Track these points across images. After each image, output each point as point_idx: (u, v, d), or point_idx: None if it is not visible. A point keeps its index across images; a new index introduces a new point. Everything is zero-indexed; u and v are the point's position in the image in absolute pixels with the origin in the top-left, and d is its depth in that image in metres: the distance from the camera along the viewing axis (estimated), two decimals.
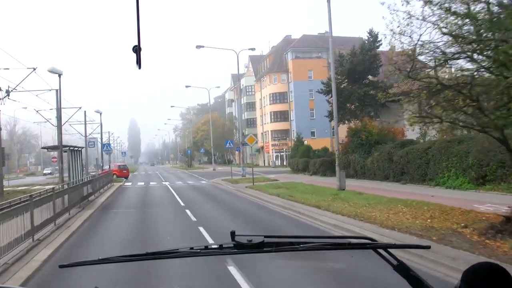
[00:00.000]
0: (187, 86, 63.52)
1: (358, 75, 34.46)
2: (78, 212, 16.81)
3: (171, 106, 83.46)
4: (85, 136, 45.25)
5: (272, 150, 71.90)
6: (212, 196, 23.96)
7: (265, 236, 1.73)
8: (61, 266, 1.89)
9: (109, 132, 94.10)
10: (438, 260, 7.52)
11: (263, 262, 7.29)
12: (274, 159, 71.77)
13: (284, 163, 70.11)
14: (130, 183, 37.25)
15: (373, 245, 1.81)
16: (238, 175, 40.11)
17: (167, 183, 36.61)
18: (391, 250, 1.81)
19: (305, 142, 64.58)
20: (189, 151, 71.76)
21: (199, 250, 1.78)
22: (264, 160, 77.02)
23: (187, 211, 16.70)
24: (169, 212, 17.38)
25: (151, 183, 37.04)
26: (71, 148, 18.90)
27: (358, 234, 10.30)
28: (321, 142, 67.14)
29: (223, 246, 1.78)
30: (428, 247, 2.02)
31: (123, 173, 46.64)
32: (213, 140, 79.47)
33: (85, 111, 47.33)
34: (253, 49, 45.90)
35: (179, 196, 23.63)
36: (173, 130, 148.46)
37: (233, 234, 1.74)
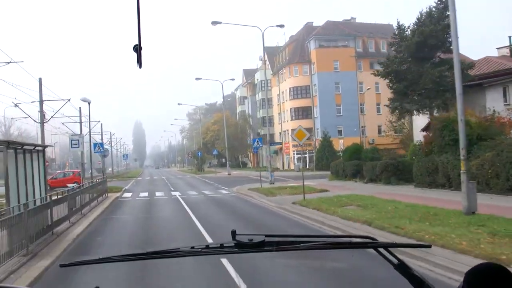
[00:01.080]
0: (197, 79, 55.51)
1: (429, 51, 26.16)
2: (16, 266, 8.72)
3: (179, 104, 75.84)
4: (80, 133, 37.54)
5: (293, 151, 63.68)
6: (250, 220, 15.85)
7: (266, 235, 1.71)
8: (62, 266, 1.86)
9: (110, 132, 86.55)
10: None
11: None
12: (296, 161, 63.51)
13: (307, 166, 61.95)
14: (130, 194, 29.17)
15: (373, 244, 1.79)
16: (264, 182, 31.99)
17: (177, 193, 28.53)
18: (392, 249, 1.78)
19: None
20: (199, 153, 63.73)
21: (200, 249, 1.76)
22: (283, 163, 68.83)
23: (225, 262, 8.37)
24: (192, 267, 9.06)
25: (156, 193, 28.96)
26: (16, 145, 10.52)
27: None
28: (349, 142, 58.96)
29: (224, 245, 1.75)
30: (429, 246, 2.00)
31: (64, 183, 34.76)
32: (227, 140, 71.42)
33: (80, 108, 39.62)
34: (281, 26, 37.83)
35: (198, 218, 15.53)
36: (179, 131, 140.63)
37: (233, 233, 1.72)
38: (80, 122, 52.16)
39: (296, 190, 24.10)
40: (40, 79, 32.35)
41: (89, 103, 31.41)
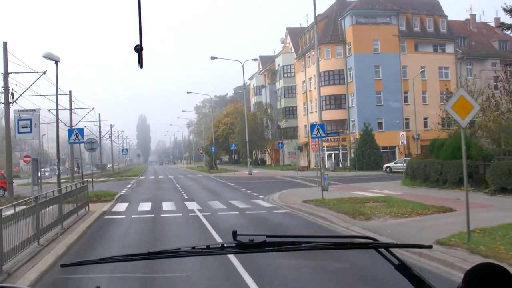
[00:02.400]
0: (213, 58, 45.91)
1: None
2: None
3: (188, 92, 66.12)
4: (57, 119, 28.52)
5: (324, 147, 53.99)
6: None
7: (267, 236, 1.70)
8: (62, 266, 1.86)
9: (111, 125, 77.26)
10: None
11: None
12: (326, 158, 53.84)
13: (339, 164, 52.38)
14: (124, 206, 19.65)
15: (374, 245, 1.79)
16: (309, 187, 22.57)
17: (194, 205, 19.01)
18: (393, 250, 1.77)
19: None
20: (213, 148, 54.06)
21: (201, 250, 1.75)
22: (309, 161, 59.19)
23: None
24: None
25: (164, 205, 19.46)
26: None
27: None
28: (391, 136, 49.44)
29: (225, 245, 1.75)
30: (430, 247, 1.98)
31: None
32: (240, 134, 61.91)
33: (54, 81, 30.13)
34: None
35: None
36: (186, 126, 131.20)
37: (235, 233, 1.71)
38: (70, 109, 42.85)
39: (395, 207, 14.59)
40: (4, 43, 22.88)
41: (56, 63, 21.32)
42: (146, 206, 18.99)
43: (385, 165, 43.25)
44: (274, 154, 69.74)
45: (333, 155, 53.62)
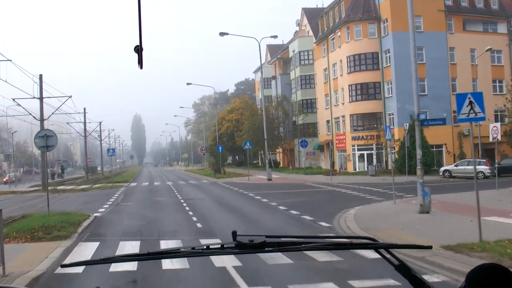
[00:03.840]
0: (222, 34, 36.50)
1: None
2: None
3: (187, 84, 56.94)
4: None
5: (354, 146, 44.79)
6: None
7: (267, 236, 1.69)
8: (63, 266, 1.84)
9: (100, 122, 67.84)
10: None
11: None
12: (357, 160, 44.62)
13: (374, 167, 43.12)
14: (90, 252, 10.30)
15: (374, 245, 1.75)
16: (375, 200, 13.49)
17: (217, 242, 9.65)
18: (393, 250, 1.75)
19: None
20: (220, 147, 44.39)
21: (200, 250, 1.74)
22: (333, 162, 49.89)
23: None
24: None
25: (164, 244, 10.23)
26: None
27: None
28: (438, 132, 40.41)
29: (225, 246, 1.73)
30: (429, 247, 1.97)
31: None
32: (251, 132, 52.68)
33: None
34: None
35: None
36: (184, 125, 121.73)
37: (234, 234, 1.70)
38: (41, 98, 33.46)
39: None
40: None
41: None
42: (130, 250, 9.72)
43: (443, 168, 34.06)
44: (289, 155, 60.46)
45: (365, 155, 44.37)
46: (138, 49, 2.79)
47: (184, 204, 19.90)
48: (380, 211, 15.96)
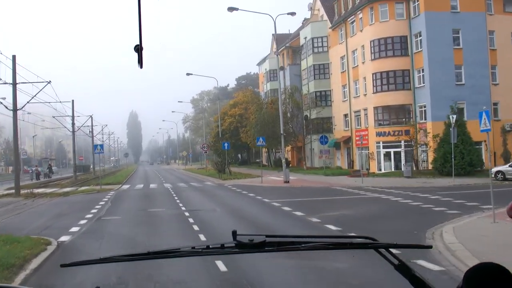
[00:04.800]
0: (230, 9, 30.80)
1: None
2: None
3: (187, 74, 51.47)
4: None
5: (378, 143, 39.23)
6: None
7: (267, 236, 1.69)
8: (62, 266, 1.82)
9: (91, 116, 62.05)
10: None
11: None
12: (383, 159, 39.10)
13: (399, 167, 37.81)
14: None
15: (374, 245, 1.77)
16: (456, 216, 8.47)
17: None
18: (392, 250, 1.74)
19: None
20: (226, 144, 38.36)
21: (200, 250, 1.74)
22: (351, 162, 44.40)
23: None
24: None
25: None
26: None
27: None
28: (477, 127, 35.04)
29: (225, 245, 1.73)
30: (430, 247, 1.94)
31: None
32: (259, 127, 47.23)
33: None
34: None
35: None
36: (182, 121, 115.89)
37: (234, 233, 1.70)
38: (14, 84, 27.71)
39: None
40: None
41: None
42: None
43: (495, 169, 28.52)
44: (296, 153, 54.97)
45: (392, 153, 38.84)
46: (138, 49, 2.75)
47: (191, 220, 14.29)
48: (491, 236, 10.48)
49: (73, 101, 47.37)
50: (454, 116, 27.94)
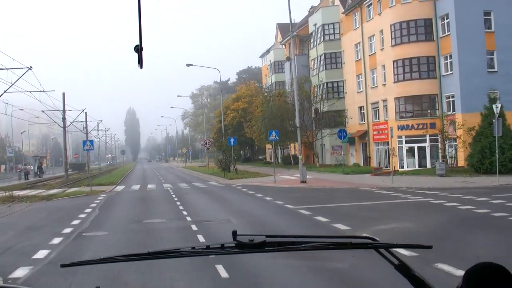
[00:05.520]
0: None
1: None
2: None
3: (187, 65, 47.69)
4: None
5: (401, 138, 35.44)
6: None
7: (267, 236, 1.68)
8: (63, 266, 1.80)
9: (85, 111, 58.24)
10: None
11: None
12: (405, 155, 35.34)
13: (423, 164, 34.27)
14: None
15: (374, 245, 1.75)
16: None
17: None
18: (393, 250, 1.73)
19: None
20: (232, 139, 34.23)
21: (200, 250, 1.73)
22: (368, 159, 40.63)
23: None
24: None
25: None
26: None
27: None
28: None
29: (225, 245, 1.71)
30: (430, 247, 1.93)
31: None
32: (266, 120, 43.62)
33: None
34: None
35: None
36: (181, 117, 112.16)
37: (234, 233, 1.69)
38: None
39: None
40: None
41: None
42: None
43: None
44: (305, 149, 51.24)
45: (415, 149, 35.10)
46: (138, 49, 2.73)
47: (201, 239, 10.54)
48: None
49: (64, 93, 43.52)
50: (499, 106, 24.16)
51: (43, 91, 31.27)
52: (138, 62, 2.79)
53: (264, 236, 1.67)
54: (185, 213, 15.30)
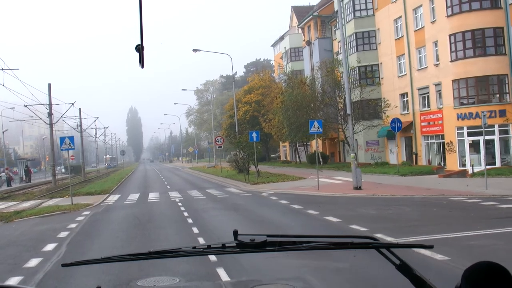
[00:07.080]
0: None
1: None
2: None
3: (194, 50, 41.12)
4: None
5: (461, 129, 28.59)
6: None
7: (268, 236, 1.68)
8: (64, 265, 1.80)
9: (80, 109, 51.81)
10: None
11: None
12: (468, 151, 28.49)
13: (497, 162, 27.44)
14: None
15: (375, 245, 1.75)
16: None
17: None
18: (394, 250, 1.72)
19: None
20: (255, 134, 27.26)
21: (201, 249, 1.73)
22: (414, 156, 33.80)
23: None
24: None
25: None
26: None
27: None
28: None
29: (226, 245, 1.70)
30: (431, 247, 1.92)
31: None
32: (290, 112, 37.02)
33: None
34: None
35: None
36: (185, 115, 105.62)
37: (235, 233, 1.69)
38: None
39: None
40: None
41: None
42: None
43: None
44: (330, 145, 44.62)
45: (480, 142, 28.31)
46: (139, 48, 2.64)
47: None
48: None
49: (49, 85, 36.93)
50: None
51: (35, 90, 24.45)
52: (140, 62, 2.67)
53: (265, 236, 1.65)
54: (213, 258, 8.58)
